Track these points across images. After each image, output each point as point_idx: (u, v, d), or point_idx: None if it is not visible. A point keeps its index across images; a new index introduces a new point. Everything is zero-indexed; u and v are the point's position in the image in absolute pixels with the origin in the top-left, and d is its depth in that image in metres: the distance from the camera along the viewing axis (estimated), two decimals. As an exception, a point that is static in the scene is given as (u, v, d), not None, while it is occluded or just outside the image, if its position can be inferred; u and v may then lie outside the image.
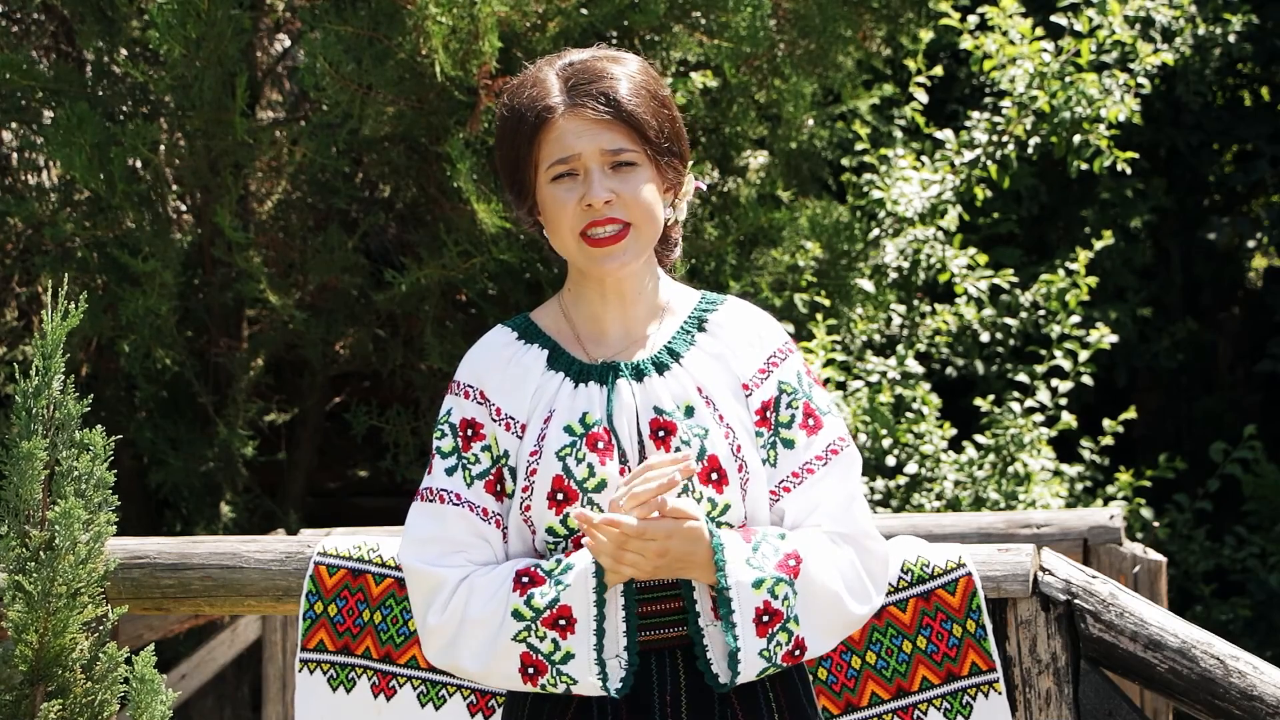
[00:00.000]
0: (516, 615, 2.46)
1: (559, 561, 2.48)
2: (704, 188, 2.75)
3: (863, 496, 2.60)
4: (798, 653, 2.47)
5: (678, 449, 2.50)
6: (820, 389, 2.63)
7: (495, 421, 2.57)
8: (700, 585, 2.49)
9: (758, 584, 2.43)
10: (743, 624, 2.42)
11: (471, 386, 2.59)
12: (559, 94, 2.52)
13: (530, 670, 2.46)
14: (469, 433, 2.58)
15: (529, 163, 2.54)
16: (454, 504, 2.55)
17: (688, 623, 2.49)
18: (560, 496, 2.49)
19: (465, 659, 2.50)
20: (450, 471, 2.57)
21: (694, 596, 2.49)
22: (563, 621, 2.44)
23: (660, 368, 2.56)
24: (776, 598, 2.44)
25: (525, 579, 2.48)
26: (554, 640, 2.44)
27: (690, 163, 2.66)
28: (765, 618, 2.43)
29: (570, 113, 2.51)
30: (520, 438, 2.55)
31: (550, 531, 2.51)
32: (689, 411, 2.53)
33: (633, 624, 2.47)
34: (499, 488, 2.57)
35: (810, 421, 2.58)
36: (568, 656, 2.44)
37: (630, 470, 2.50)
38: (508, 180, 2.60)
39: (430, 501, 2.57)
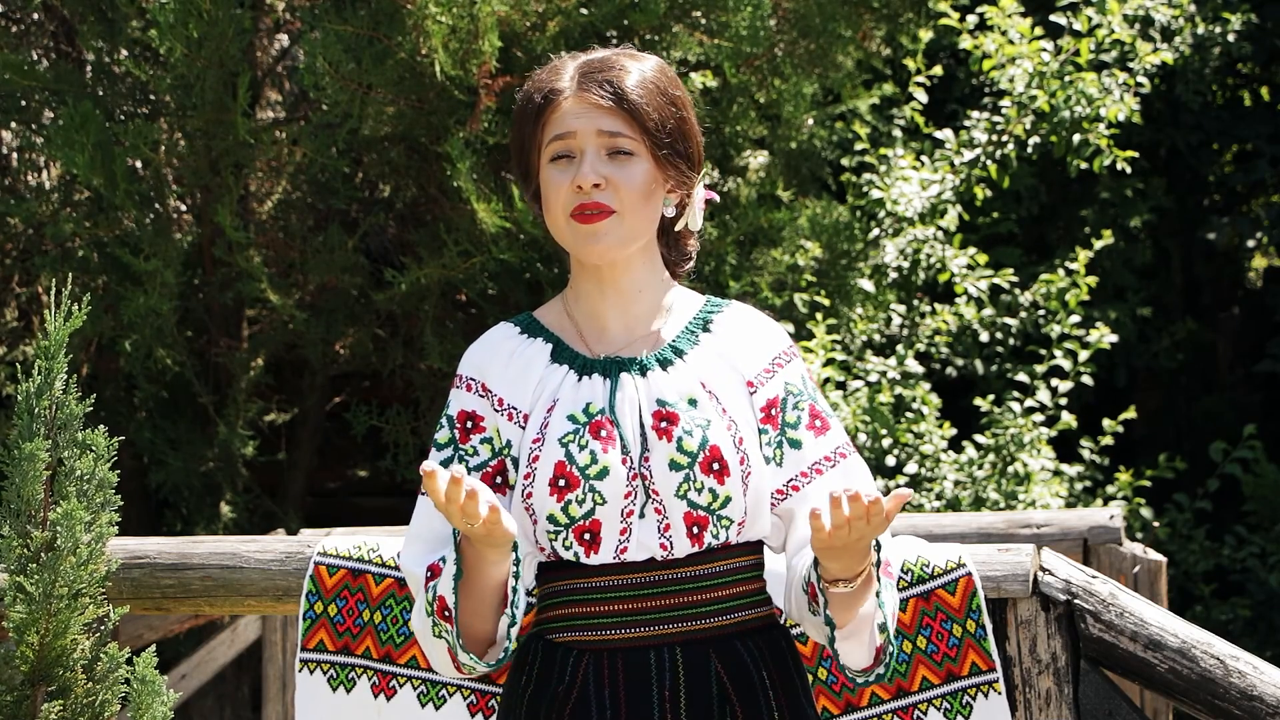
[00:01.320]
0: (426, 610, 2.48)
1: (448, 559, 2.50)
2: (716, 199, 2.74)
3: None
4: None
5: (679, 439, 2.50)
6: (821, 395, 2.64)
7: (497, 412, 2.57)
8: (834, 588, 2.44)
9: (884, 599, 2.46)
10: (891, 628, 2.45)
11: (473, 379, 2.60)
12: (569, 80, 2.55)
13: (456, 661, 2.49)
14: (468, 425, 2.58)
15: (533, 144, 2.57)
16: None
17: (825, 620, 2.46)
18: (562, 483, 2.50)
19: (436, 662, 2.53)
20: (444, 464, 2.57)
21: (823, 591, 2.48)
22: (447, 612, 2.45)
23: (664, 363, 2.57)
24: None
25: (429, 573, 2.49)
26: (449, 631, 2.45)
27: (703, 170, 2.65)
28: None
29: (575, 96, 2.54)
30: (523, 428, 2.56)
31: (551, 519, 2.51)
32: (692, 403, 2.54)
33: (520, 602, 2.48)
34: (498, 480, 2.57)
35: (817, 423, 2.59)
36: (458, 648, 2.46)
37: (631, 461, 2.50)
38: (516, 163, 2.63)
39: (422, 495, 2.58)
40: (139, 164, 6.37)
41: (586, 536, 2.50)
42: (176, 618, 4.92)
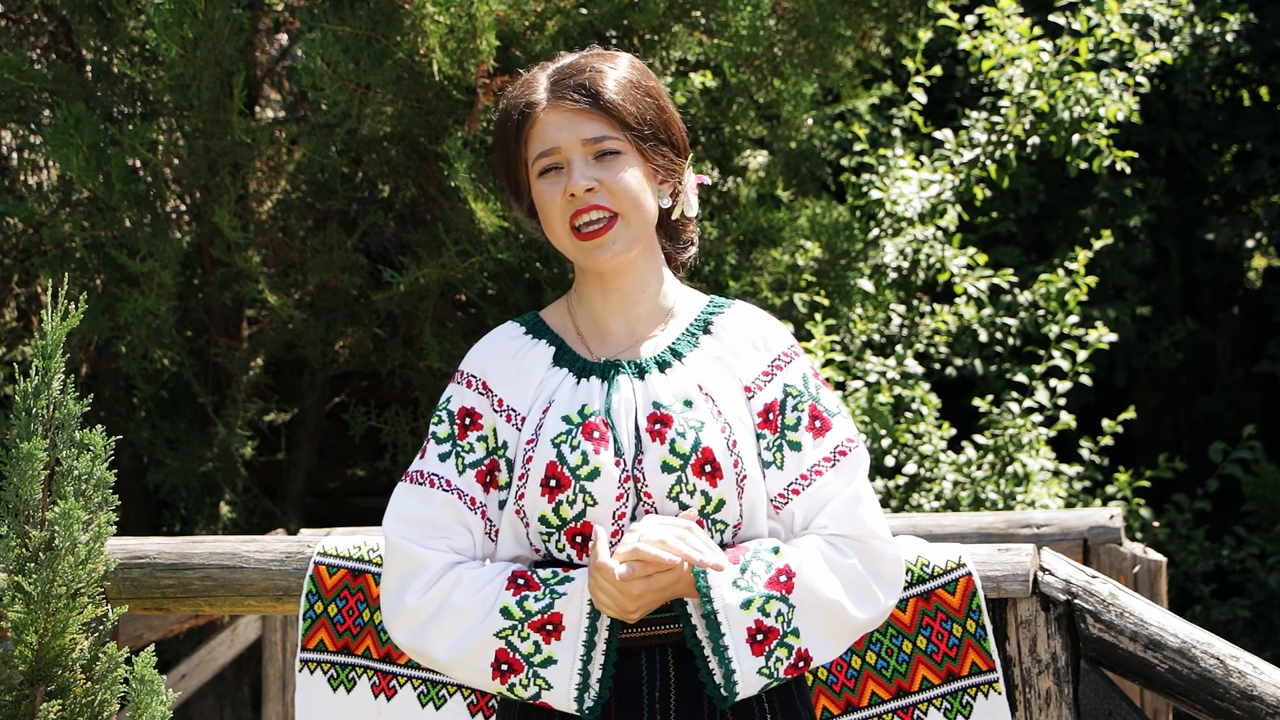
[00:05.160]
0: (505, 613, 2.47)
1: (555, 574, 2.50)
2: (707, 182, 2.75)
3: (872, 496, 2.60)
4: (801, 664, 2.49)
5: (672, 441, 2.50)
6: (828, 390, 2.63)
7: (497, 412, 2.58)
8: (694, 603, 2.50)
9: (747, 604, 2.44)
10: (735, 645, 2.44)
11: (474, 376, 2.61)
12: (543, 91, 2.56)
13: (504, 667, 2.47)
14: (466, 421, 2.59)
15: (519, 160, 2.58)
16: (444, 489, 2.56)
17: (685, 639, 2.49)
18: (554, 483, 2.50)
19: (436, 647, 2.50)
20: (444, 457, 2.58)
21: (688, 612, 2.50)
22: (550, 627, 2.45)
23: (662, 366, 2.58)
24: (769, 615, 2.45)
25: (521, 580, 2.49)
26: (536, 643, 2.45)
27: (690, 156, 2.66)
28: (759, 636, 2.45)
29: (551, 107, 2.55)
30: (520, 429, 2.56)
31: (543, 520, 2.51)
32: (687, 404, 2.54)
33: (611, 656, 2.47)
34: (489, 478, 2.58)
35: (817, 424, 2.58)
36: (548, 661, 2.45)
37: (625, 463, 2.50)
38: (505, 181, 2.64)
39: (420, 485, 2.57)
40: (137, 164, 6.36)
41: (578, 539, 2.50)
42: (176, 618, 4.91)
